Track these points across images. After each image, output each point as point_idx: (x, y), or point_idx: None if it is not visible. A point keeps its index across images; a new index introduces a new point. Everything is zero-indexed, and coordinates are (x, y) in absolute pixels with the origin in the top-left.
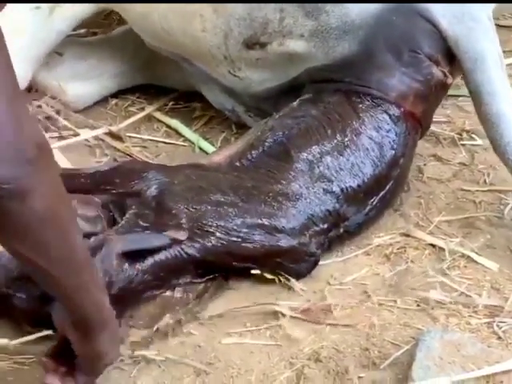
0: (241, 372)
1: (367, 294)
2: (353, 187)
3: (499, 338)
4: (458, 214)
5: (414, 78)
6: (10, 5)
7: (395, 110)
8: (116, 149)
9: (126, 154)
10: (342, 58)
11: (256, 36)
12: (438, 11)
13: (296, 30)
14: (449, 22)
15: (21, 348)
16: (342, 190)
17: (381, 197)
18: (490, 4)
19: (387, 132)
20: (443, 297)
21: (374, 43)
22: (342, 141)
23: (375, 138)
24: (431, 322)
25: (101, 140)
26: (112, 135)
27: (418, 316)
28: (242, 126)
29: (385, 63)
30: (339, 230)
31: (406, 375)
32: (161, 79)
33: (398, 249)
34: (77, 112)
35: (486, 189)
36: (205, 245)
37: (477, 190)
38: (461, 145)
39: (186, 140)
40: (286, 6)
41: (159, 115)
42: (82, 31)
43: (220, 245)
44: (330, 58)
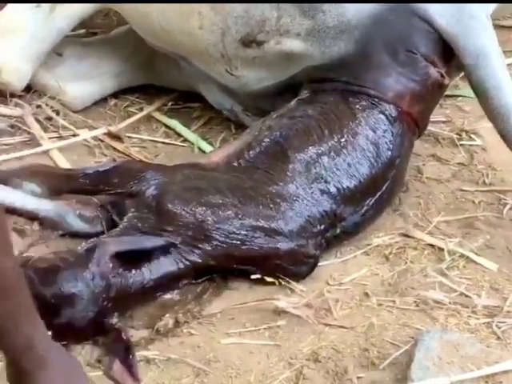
0: (240, 372)
1: (366, 294)
2: (349, 187)
3: (498, 338)
4: (457, 214)
5: (410, 77)
6: (10, 4)
7: (392, 111)
8: (115, 149)
9: (125, 155)
10: (338, 58)
11: (253, 34)
12: (435, 11)
13: (293, 29)
14: (447, 21)
15: None
16: (338, 191)
17: (377, 197)
18: (490, 4)
19: (384, 132)
20: (442, 297)
21: (371, 43)
22: (339, 141)
23: (372, 138)
24: (430, 322)
25: (100, 140)
26: (111, 135)
27: (417, 316)
28: (241, 127)
29: (381, 63)
30: (336, 231)
31: (405, 375)
32: (160, 79)
33: (398, 249)
34: (76, 112)
35: (485, 189)
36: (206, 250)
37: (476, 190)
38: (460, 145)
39: (185, 140)
40: (284, 5)
41: (158, 115)
42: (82, 31)
43: (220, 249)
44: (326, 57)
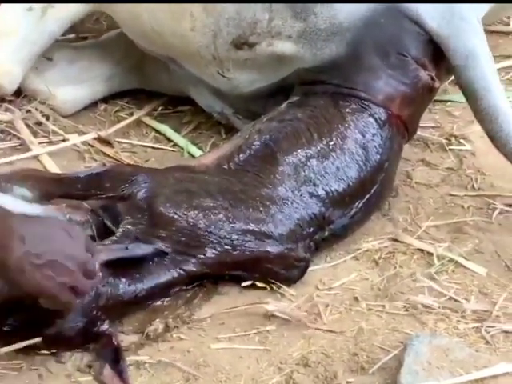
0: (230, 377)
1: (356, 298)
2: (338, 191)
3: (487, 343)
4: (446, 218)
5: (400, 80)
6: (1, 6)
7: (381, 114)
8: (105, 154)
9: (115, 159)
10: (329, 60)
11: (244, 36)
12: (426, 13)
13: (284, 31)
14: (438, 23)
15: (10, 354)
16: (327, 194)
17: (366, 200)
18: (481, 8)
19: (373, 136)
20: (431, 301)
21: (362, 45)
22: (328, 144)
23: (361, 141)
24: (420, 327)
25: (90, 145)
26: (101, 140)
27: (406, 321)
28: (231, 131)
29: (372, 65)
30: (324, 233)
31: (395, 380)
32: (150, 84)
33: (387, 254)
34: (66, 117)
35: (474, 194)
36: (200, 258)
37: (465, 195)
38: (449, 150)
39: (175, 145)
40: (276, 7)
41: (148, 120)
42: (72, 36)
43: (214, 256)
44: (317, 59)
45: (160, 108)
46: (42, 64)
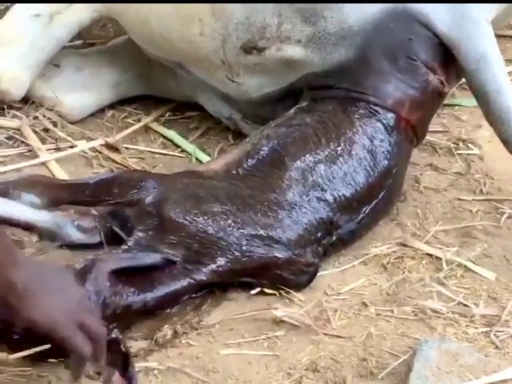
0: (239, 383)
1: (364, 303)
2: (346, 196)
3: (496, 348)
4: (454, 223)
5: (410, 84)
6: (9, 12)
7: (390, 120)
8: (113, 160)
9: (123, 166)
10: (338, 64)
11: (254, 41)
12: (436, 17)
13: (294, 36)
14: (448, 26)
15: (19, 361)
16: (334, 199)
17: (373, 205)
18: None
19: (381, 142)
20: (440, 306)
21: (371, 49)
22: (336, 150)
23: (369, 147)
24: (429, 332)
25: (97, 151)
26: (109, 146)
27: (415, 326)
28: (239, 137)
29: (381, 69)
30: (332, 238)
31: None
32: (157, 90)
33: (395, 258)
34: (73, 123)
35: (482, 198)
36: (210, 267)
37: (473, 200)
38: (457, 154)
39: (182, 151)
40: (285, 11)
41: (156, 126)
42: (79, 42)
43: (224, 263)
44: (327, 63)
45: (168, 114)
46: (49, 71)
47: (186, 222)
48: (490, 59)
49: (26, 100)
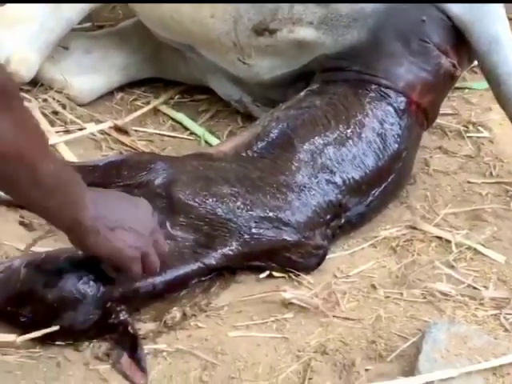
0: (247, 365)
1: (374, 286)
2: (355, 178)
3: (506, 330)
4: (464, 206)
5: (422, 67)
6: None
7: (400, 103)
8: (122, 143)
9: (132, 148)
10: (350, 46)
11: (265, 22)
12: None
13: (306, 17)
14: (461, 8)
15: (27, 343)
16: (344, 181)
17: (382, 189)
18: None
19: (391, 125)
20: (450, 289)
21: (383, 31)
22: (345, 132)
23: (379, 130)
24: (438, 315)
25: (106, 134)
26: (118, 129)
27: (424, 308)
28: (248, 120)
29: (393, 52)
30: (341, 221)
31: (413, 367)
32: (167, 73)
33: (405, 241)
34: (82, 106)
35: (492, 181)
36: (221, 251)
37: (483, 182)
38: (467, 137)
39: (191, 134)
40: None
41: (165, 109)
42: (88, 25)
43: (234, 247)
44: (339, 45)
45: (177, 96)
46: (58, 53)
47: (195, 203)
48: (502, 41)
49: (35, 83)
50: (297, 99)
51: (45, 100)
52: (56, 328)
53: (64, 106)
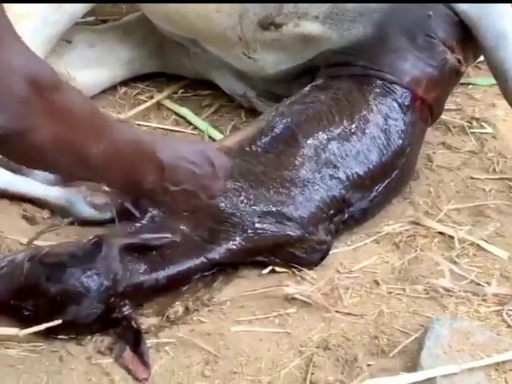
0: (250, 360)
1: (376, 282)
2: (358, 174)
3: (508, 326)
4: (467, 202)
5: (427, 62)
6: None
7: (405, 99)
8: None
9: None
10: (356, 41)
11: (271, 16)
12: None
13: (311, 12)
14: (467, 4)
15: (30, 337)
16: (347, 177)
17: (386, 184)
18: None
19: (395, 121)
20: (452, 285)
21: (389, 26)
22: (349, 128)
23: (383, 126)
24: (440, 310)
25: None
26: None
27: (427, 304)
28: (252, 115)
29: (398, 47)
30: (344, 216)
31: (415, 363)
32: (170, 67)
33: (408, 237)
34: None
35: (495, 177)
36: (224, 246)
37: (486, 178)
38: (470, 133)
39: (195, 128)
40: None
41: (168, 103)
42: (91, 19)
43: (237, 242)
44: (344, 40)
45: (180, 91)
46: (61, 47)
47: None
48: (509, 37)
49: None
50: (301, 94)
51: None
52: (59, 322)
53: None
